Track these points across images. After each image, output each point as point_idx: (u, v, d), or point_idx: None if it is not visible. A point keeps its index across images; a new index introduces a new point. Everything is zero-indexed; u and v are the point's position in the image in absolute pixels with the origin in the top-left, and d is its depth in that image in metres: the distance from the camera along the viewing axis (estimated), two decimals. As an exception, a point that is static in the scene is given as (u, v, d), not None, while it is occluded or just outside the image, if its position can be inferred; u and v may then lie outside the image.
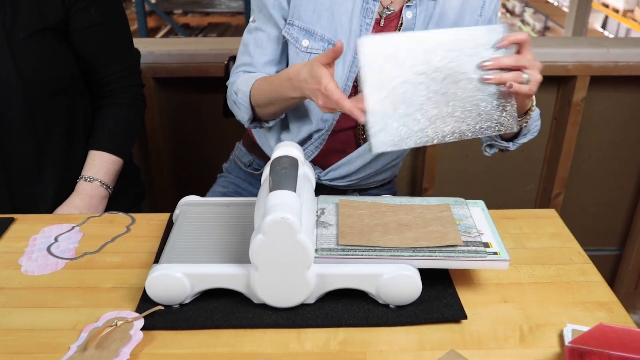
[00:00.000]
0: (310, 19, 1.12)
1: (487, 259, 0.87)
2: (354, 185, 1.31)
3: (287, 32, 1.14)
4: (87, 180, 1.28)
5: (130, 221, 1.11)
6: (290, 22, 1.14)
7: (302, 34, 1.13)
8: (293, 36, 1.14)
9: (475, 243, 0.90)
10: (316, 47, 1.13)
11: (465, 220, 0.96)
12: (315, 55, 1.11)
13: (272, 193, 0.82)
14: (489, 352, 0.82)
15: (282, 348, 0.82)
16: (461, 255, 0.87)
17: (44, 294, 0.92)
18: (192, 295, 0.87)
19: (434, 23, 1.14)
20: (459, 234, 0.90)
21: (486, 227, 0.94)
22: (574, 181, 2.09)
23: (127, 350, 0.79)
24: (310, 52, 1.13)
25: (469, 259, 0.87)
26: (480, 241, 0.90)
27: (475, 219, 0.96)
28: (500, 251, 0.88)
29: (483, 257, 0.87)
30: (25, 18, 1.17)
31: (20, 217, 1.12)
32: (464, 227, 0.94)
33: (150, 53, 1.81)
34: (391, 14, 1.14)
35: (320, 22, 1.12)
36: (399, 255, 0.86)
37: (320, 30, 1.12)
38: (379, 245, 0.87)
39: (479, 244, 0.89)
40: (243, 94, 1.15)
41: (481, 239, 0.91)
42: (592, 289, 0.94)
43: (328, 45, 1.12)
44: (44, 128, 1.24)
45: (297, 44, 1.14)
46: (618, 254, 2.23)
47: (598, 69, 1.85)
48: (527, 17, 7.67)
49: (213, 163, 1.71)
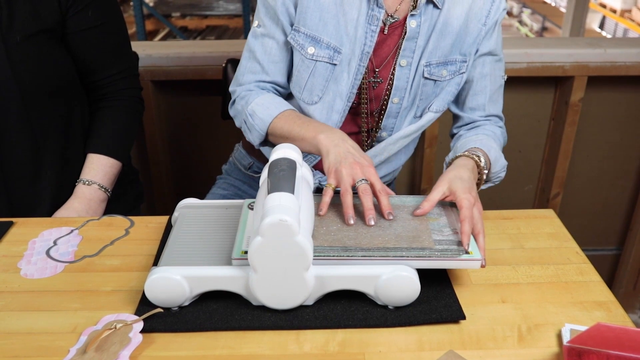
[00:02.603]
0: (316, 27, 1.12)
1: (457, 258, 0.87)
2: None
3: (292, 38, 1.13)
4: (86, 183, 1.28)
5: (129, 224, 1.11)
6: (297, 28, 1.13)
7: (308, 41, 1.12)
8: (299, 43, 1.13)
9: (447, 242, 0.89)
10: (322, 55, 1.13)
11: (439, 218, 0.96)
12: (321, 62, 1.12)
13: (270, 195, 0.83)
14: (488, 352, 0.82)
15: (281, 350, 0.82)
16: (432, 254, 0.87)
17: (43, 297, 0.92)
18: (191, 298, 0.88)
19: (437, 32, 1.14)
20: (431, 233, 0.91)
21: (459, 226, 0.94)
22: (572, 181, 2.09)
23: (126, 353, 0.79)
24: (316, 60, 1.13)
25: (440, 258, 0.87)
26: (452, 240, 0.90)
27: (450, 218, 0.96)
28: (473, 250, 0.89)
29: (455, 257, 0.87)
30: (22, 21, 1.17)
31: (19, 221, 1.12)
32: (437, 225, 0.94)
33: (149, 56, 1.81)
34: (395, 22, 1.14)
35: (326, 29, 1.12)
36: (370, 256, 0.86)
37: (326, 38, 1.12)
38: (348, 246, 0.87)
39: (451, 243, 0.89)
40: (261, 122, 1.13)
41: (454, 237, 0.91)
42: (590, 288, 0.94)
43: (334, 53, 1.12)
44: (41, 131, 1.24)
45: (303, 51, 1.13)
46: (616, 253, 2.23)
47: (595, 69, 1.86)
48: (525, 17, 7.68)
49: (211, 165, 1.71)
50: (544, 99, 1.98)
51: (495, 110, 1.25)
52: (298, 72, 1.16)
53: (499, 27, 1.20)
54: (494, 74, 1.21)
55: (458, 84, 1.20)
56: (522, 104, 1.98)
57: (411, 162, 2.06)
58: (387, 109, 1.18)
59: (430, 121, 1.21)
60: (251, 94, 1.17)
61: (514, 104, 1.97)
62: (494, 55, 1.20)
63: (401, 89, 1.17)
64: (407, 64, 1.15)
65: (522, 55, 1.83)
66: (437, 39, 1.14)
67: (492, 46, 1.18)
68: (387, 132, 1.22)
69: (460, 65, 1.18)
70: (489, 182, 1.16)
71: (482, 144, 1.13)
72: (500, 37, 1.21)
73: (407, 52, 1.15)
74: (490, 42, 1.18)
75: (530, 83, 1.93)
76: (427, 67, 1.16)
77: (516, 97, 1.96)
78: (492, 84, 1.22)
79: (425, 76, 1.16)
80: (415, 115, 1.21)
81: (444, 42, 1.15)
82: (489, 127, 1.22)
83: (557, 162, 2.00)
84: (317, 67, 1.14)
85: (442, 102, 1.20)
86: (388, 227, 0.92)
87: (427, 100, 1.19)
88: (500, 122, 1.27)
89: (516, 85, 1.92)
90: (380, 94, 1.18)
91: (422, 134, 1.94)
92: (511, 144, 2.04)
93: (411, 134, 1.22)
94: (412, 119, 1.21)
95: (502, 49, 1.23)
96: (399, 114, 1.19)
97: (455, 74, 1.18)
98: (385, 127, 1.21)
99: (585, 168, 2.09)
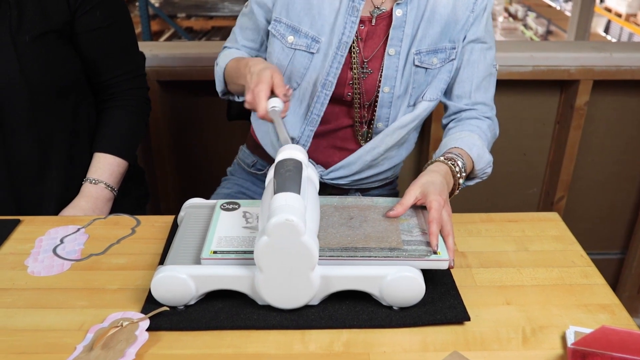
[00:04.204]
0: (297, 17, 1.17)
1: (424, 258, 0.88)
2: (356, 185, 1.33)
3: (273, 27, 1.19)
4: (92, 182, 1.29)
5: (136, 223, 1.12)
6: (278, 19, 1.18)
7: (289, 30, 1.17)
8: (280, 32, 1.18)
9: (415, 242, 0.90)
10: (300, 43, 1.17)
11: (409, 219, 0.96)
12: (299, 51, 1.17)
13: (276, 195, 0.83)
14: (492, 353, 0.82)
15: (286, 349, 0.82)
16: (400, 255, 0.87)
17: (50, 294, 0.93)
18: (197, 297, 0.88)
19: (426, 20, 1.16)
20: (400, 234, 0.91)
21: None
22: (577, 185, 2.09)
23: (132, 351, 0.80)
24: (295, 48, 1.18)
25: (407, 258, 0.87)
26: (421, 240, 0.90)
27: (419, 219, 0.97)
28: (441, 250, 0.89)
29: (422, 257, 0.87)
30: (31, 20, 1.18)
31: (26, 219, 1.13)
32: (406, 226, 0.94)
33: (155, 56, 1.82)
34: (383, 13, 1.16)
35: (307, 20, 1.16)
36: (337, 256, 0.87)
37: (305, 28, 1.16)
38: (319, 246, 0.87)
39: (420, 244, 0.89)
40: (219, 68, 1.25)
41: (423, 238, 0.91)
42: (595, 291, 0.95)
43: (311, 42, 1.16)
44: (49, 130, 1.25)
45: (283, 40, 1.18)
46: (620, 257, 2.23)
47: (601, 73, 1.86)
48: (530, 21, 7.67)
49: (217, 166, 1.71)
50: (549, 103, 1.98)
51: (483, 98, 1.24)
52: (278, 60, 1.21)
53: (488, 15, 1.20)
54: (482, 61, 1.21)
55: (449, 72, 1.21)
56: (527, 107, 1.98)
57: (416, 162, 2.06)
58: (379, 99, 1.20)
59: (425, 110, 1.22)
60: (222, 52, 1.30)
61: (519, 107, 1.97)
62: (483, 43, 1.20)
63: (391, 77, 1.18)
64: (395, 53, 1.17)
65: (527, 59, 1.83)
66: (426, 26, 1.16)
67: (480, 33, 1.19)
68: (384, 123, 1.23)
69: (450, 53, 1.19)
70: (476, 179, 1.18)
71: (464, 142, 1.14)
72: (490, 26, 1.22)
73: (395, 40, 1.16)
74: (479, 30, 1.19)
75: (536, 86, 1.93)
76: (418, 55, 1.17)
77: (521, 100, 1.96)
78: (480, 72, 1.22)
79: (416, 64, 1.17)
80: (409, 104, 1.21)
81: (432, 29, 1.16)
82: (474, 121, 1.22)
83: (562, 166, 2.00)
84: (295, 55, 1.18)
85: (435, 90, 1.21)
86: (358, 227, 0.93)
87: (420, 88, 1.20)
88: (488, 111, 1.25)
89: (521, 88, 1.92)
90: (372, 84, 1.20)
91: (426, 135, 1.96)
92: (516, 146, 2.06)
93: (407, 124, 1.22)
94: (406, 108, 1.22)
95: (494, 40, 1.23)
96: (392, 103, 1.20)
97: (445, 62, 1.19)
98: (381, 118, 1.22)
99: (590, 172, 2.09)
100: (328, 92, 1.19)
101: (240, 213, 1.00)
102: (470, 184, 1.19)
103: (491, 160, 1.18)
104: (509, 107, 1.97)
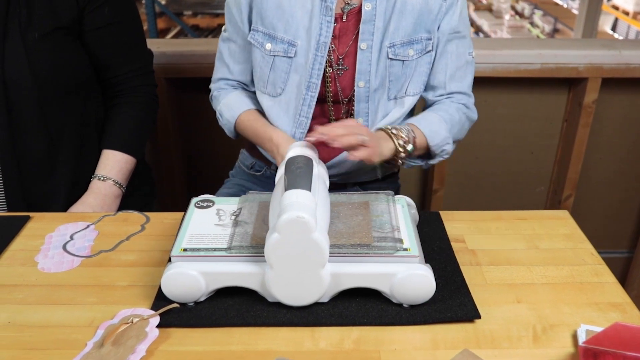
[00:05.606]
0: (271, 24, 1.18)
1: (394, 255, 0.87)
2: (353, 179, 1.32)
3: (252, 37, 1.21)
4: (101, 179, 1.29)
5: (145, 220, 1.12)
6: (255, 28, 1.20)
7: (266, 38, 1.18)
8: (258, 41, 1.20)
9: (386, 239, 0.89)
10: (277, 49, 1.18)
11: (382, 216, 0.96)
12: (278, 57, 1.18)
13: (287, 192, 0.83)
14: (503, 351, 0.82)
15: (297, 346, 0.82)
16: (370, 251, 0.87)
17: (60, 291, 0.93)
18: (207, 293, 0.88)
19: (397, 12, 1.15)
20: (371, 230, 0.91)
21: (402, 224, 0.94)
22: (585, 183, 2.08)
23: (142, 347, 0.80)
24: (274, 55, 1.19)
25: (378, 255, 0.87)
26: (393, 237, 0.90)
27: (393, 215, 0.96)
28: (411, 247, 0.88)
29: (391, 254, 0.87)
30: (40, 18, 1.18)
31: (35, 215, 1.13)
32: (378, 223, 0.94)
33: (163, 54, 1.82)
34: (353, 8, 1.16)
35: (281, 25, 1.17)
36: None
37: (280, 34, 1.17)
38: None
39: (391, 240, 0.89)
40: (228, 123, 1.27)
41: (394, 234, 0.90)
42: (605, 289, 0.94)
43: (288, 47, 1.17)
44: (57, 127, 1.25)
45: (262, 48, 1.20)
46: (628, 256, 2.22)
47: (609, 70, 1.85)
48: (536, 19, 7.65)
49: (222, 163, 1.71)
50: (557, 100, 1.97)
51: (458, 87, 1.24)
52: (260, 68, 1.22)
53: (462, 4, 1.20)
54: (455, 51, 1.21)
55: (429, 63, 1.21)
56: (534, 105, 1.98)
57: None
58: (356, 94, 1.19)
59: (412, 105, 1.23)
60: (221, 93, 1.30)
61: (526, 105, 1.96)
62: (457, 33, 1.20)
63: (365, 72, 1.18)
64: (367, 47, 1.16)
65: (535, 56, 1.83)
66: (398, 19, 1.16)
67: (454, 23, 1.19)
68: (364, 118, 1.22)
69: (426, 44, 1.19)
70: (437, 156, 1.21)
71: (419, 118, 1.19)
72: (465, 14, 1.22)
73: (366, 35, 1.16)
74: (452, 20, 1.19)
75: (544, 84, 1.93)
76: (392, 48, 1.17)
77: (529, 98, 1.96)
78: (454, 62, 1.22)
79: (390, 57, 1.17)
80: (389, 97, 1.21)
81: (405, 21, 1.16)
82: (440, 105, 1.23)
83: (570, 164, 1.99)
84: (275, 62, 1.19)
85: (417, 84, 1.22)
86: (331, 224, 0.93)
87: (399, 81, 1.20)
88: (464, 98, 1.25)
89: (529, 86, 1.91)
90: (349, 81, 1.20)
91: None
92: (523, 145, 2.05)
93: (395, 120, 1.22)
94: (386, 101, 1.21)
95: (470, 28, 1.24)
96: (369, 97, 1.20)
97: (422, 53, 1.19)
98: (360, 113, 1.21)
99: (598, 170, 2.08)
100: (314, 94, 1.19)
101: (214, 211, 0.99)
102: (433, 162, 1.23)
103: (449, 137, 1.20)
104: (517, 105, 1.96)
